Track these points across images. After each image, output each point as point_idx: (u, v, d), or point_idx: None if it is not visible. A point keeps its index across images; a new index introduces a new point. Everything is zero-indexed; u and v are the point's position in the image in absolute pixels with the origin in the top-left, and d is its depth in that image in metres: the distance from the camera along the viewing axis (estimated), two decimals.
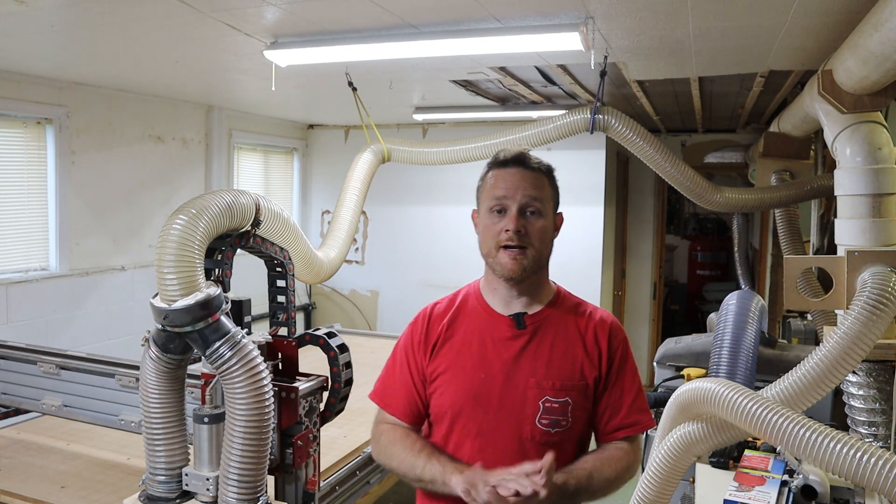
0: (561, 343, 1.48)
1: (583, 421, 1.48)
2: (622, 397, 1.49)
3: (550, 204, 1.50)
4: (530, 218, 1.46)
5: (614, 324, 1.54)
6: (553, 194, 1.52)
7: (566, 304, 1.55)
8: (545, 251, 1.49)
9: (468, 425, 1.47)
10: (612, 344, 1.50)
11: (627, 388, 1.50)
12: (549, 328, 1.49)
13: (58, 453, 2.56)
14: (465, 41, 2.70)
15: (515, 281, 1.46)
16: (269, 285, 2.10)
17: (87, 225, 4.25)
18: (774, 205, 3.90)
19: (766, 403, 2.01)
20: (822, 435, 1.86)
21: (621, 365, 1.50)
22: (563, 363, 1.47)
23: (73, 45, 3.12)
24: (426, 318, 1.58)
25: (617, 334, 1.52)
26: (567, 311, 1.53)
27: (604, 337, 1.50)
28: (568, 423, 1.45)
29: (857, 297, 2.20)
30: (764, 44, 2.88)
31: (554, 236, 1.52)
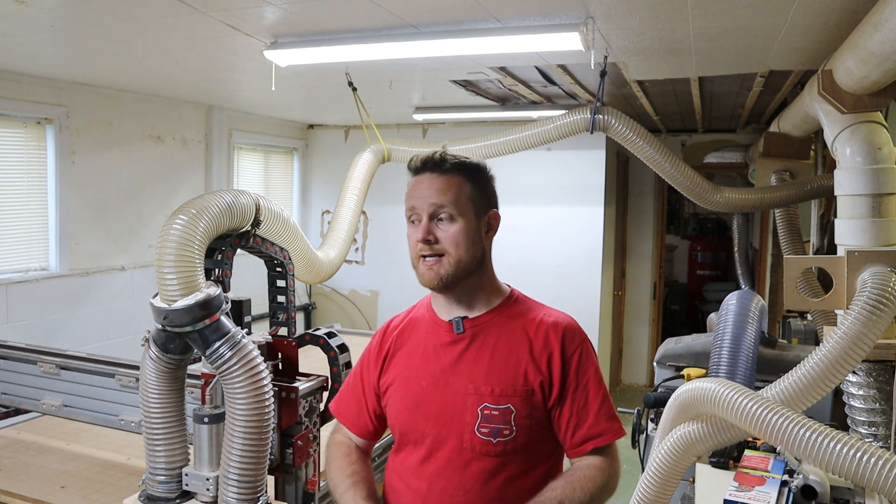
0: (504, 347, 1.39)
1: (531, 430, 1.37)
2: (586, 405, 1.37)
3: (469, 204, 1.41)
4: (441, 224, 1.40)
5: (569, 326, 1.42)
6: (474, 193, 1.42)
7: (517, 307, 1.45)
8: (466, 255, 1.39)
9: (412, 435, 1.44)
10: (567, 347, 1.39)
11: (592, 395, 1.38)
12: (492, 332, 1.41)
13: (58, 453, 2.56)
14: (465, 41, 2.70)
15: (438, 290, 1.42)
16: (269, 285, 2.10)
17: (87, 225, 4.25)
18: (774, 205, 3.90)
19: (766, 403, 2.01)
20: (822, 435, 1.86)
21: (580, 370, 1.38)
22: (504, 368, 1.37)
23: (73, 45, 3.12)
24: (382, 331, 1.58)
25: (573, 337, 1.40)
26: (515, 315, 1.43)
27: (556, 340, 1.39)
28: (512, 433, 1.35)
29: (857, 297, 2.20)
30: (764, 44, 2.88)
31: (487, 236, 1.44)
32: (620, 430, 1.41)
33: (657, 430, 1.99)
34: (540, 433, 1.38)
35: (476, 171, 1.45)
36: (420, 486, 1.42)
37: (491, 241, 1.46)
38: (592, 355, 1.43)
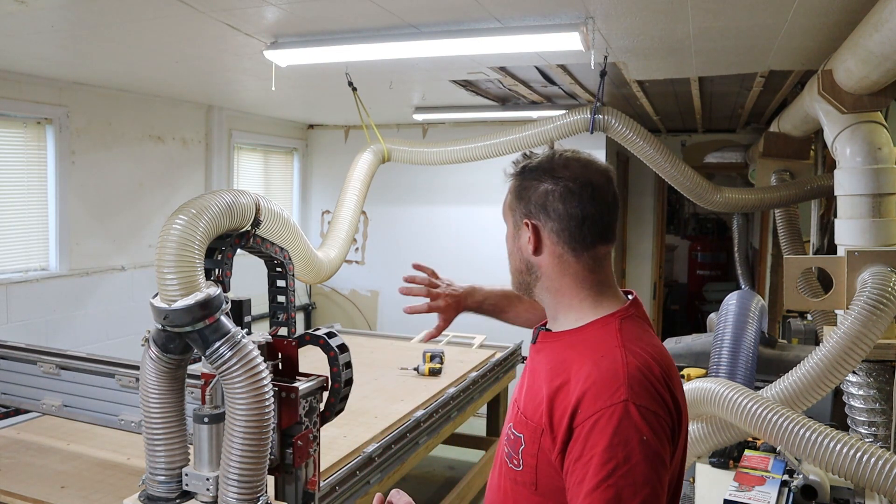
0: (547, 374, 1.20)
1: (539, 471, 1.16)
2: (581, 483, 1.06)
3: (509, 212, 1.29)
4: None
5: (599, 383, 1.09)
6: (514, 201, 1.27)
7: (593, 336, 1.20)
8: (510, 262, 1.30)
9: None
10: (581, 410, 1.09)
11: (590, 474, 1.05)
12: (552, 353, 1.23)
13: (58, 453, 2.56)
14: (465, 41, 2.70)
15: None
16: (269, 285, 2.10)
17: (87, 225, 4.25)
18: (774, 205, 3.90)
19: (766, 403, 2.02)
20: (822, 435, 1.86)
21: (589, 442, 1.07)
22: (534, 395, 1.20)
23: (73, 45, 3.12)
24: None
25: (594, 401, 1.08)
26: (579, 344, 1.20)
27: (574, 395, 1.11)
28: (519, 465, 1.18)
29: (857, 297, 2.20)
30: (764, 44, 2.88)
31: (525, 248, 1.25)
32: None
33: None
34: (551, 479, 1.15)
35: (526, 173, 1.27)
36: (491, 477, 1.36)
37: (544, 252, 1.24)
38: (614, 428, 1.05)
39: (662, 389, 1.11)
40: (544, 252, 1.24)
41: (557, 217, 1.22)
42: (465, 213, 5.87)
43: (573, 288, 1.24)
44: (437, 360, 3.79)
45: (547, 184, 1.23)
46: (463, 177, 5.68)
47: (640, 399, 1.07)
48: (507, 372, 4.33)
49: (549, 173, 1.24)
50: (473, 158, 4.12)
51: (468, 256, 5.70)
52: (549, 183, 1.23)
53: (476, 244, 5.71)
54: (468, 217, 5.85)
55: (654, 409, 1.08)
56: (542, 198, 1.23)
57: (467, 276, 1.72)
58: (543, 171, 1.24)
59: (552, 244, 1.23)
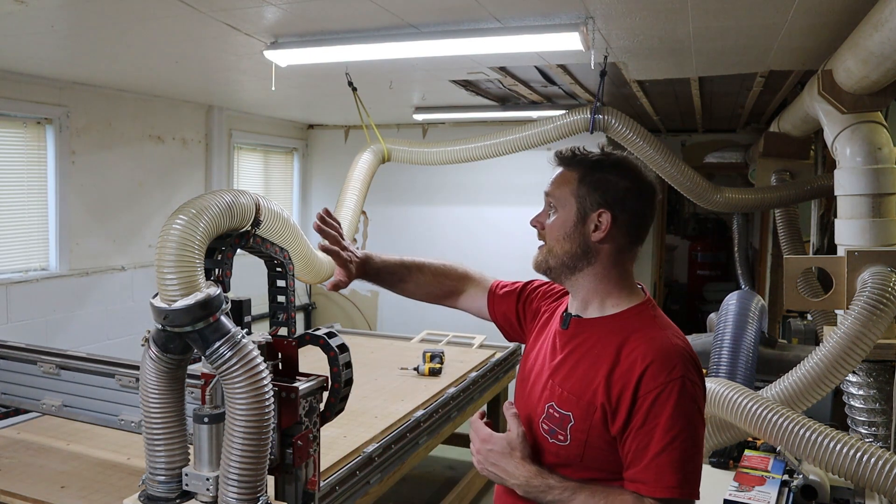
0: (591, 358, 1.33)
1: (588, 445, 1.30)
2: (646, 448, 1.24)
3: (573, 199, 1.37)
4: (551, 214, 1.42)
5: (660, 361, 1.26)
6: (581, 189, 1.36)
7: (630, 322, 1.35)
8: (558, 247, 1.38)
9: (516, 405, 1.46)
10: (643, 384, 1.25)
11: (656, 439, 1.23)
12: (590, 339, 1.36)
13: (58, 453, 2.56)
14: (465, 41, 2.70)
15: (542, 274, 1.46)
16: (269, 285, 2.10)
17: (87, 225, 4.25)
18: (774, 205, 3.91)
19: (766, 403, 2.02)
20: (822, 435, 1.86)
21: (653, 411, 1.24)
22: (581, 377, 1.33)
23: (73, 45, 3.12)
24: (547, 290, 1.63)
25: (656, 375, 1.25)
26: (622, 329, 1.33)
27: (636, 372, 1.26)
28: (566, 440, 1.32)
29: (857, 297, 2.21)
30: (764, 44, 2.88)
31: (594, 235, 1.35)
32: (674, 489, 1.24)
33: None
34: (600, 452, 1.30)
35: (596, 166, 1.38)
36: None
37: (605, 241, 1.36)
38: (675, 400, 1.24)
39: (699, 366, 1.33)
40: (608, 241, 1.36)
41: (632, 213, 1.37)
42: (465, 212, 5.87)
43: (619, 278, 1.39)
44: (437, 360, 3.79)
45: (627, 181, 1.37)
46: (463, 176, 5.68)
47: (691, 374, 1.28)
48: (507, 372, 4.33)
49: (629, 172, 1.39)
50: (473, 158, 4.13)
51: (469, 256, 5.67)
52: (629, 181, 1.37)
53: (476, 243, 5.71)
54: (468, 217, 5.85)
55: (699, 383, 1.30)
56: (622, 193, 1.36)
57: None
58: (624, 169, 1.38)
59: (619, 236, 1.36)
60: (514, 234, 5.15)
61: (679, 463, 1.23)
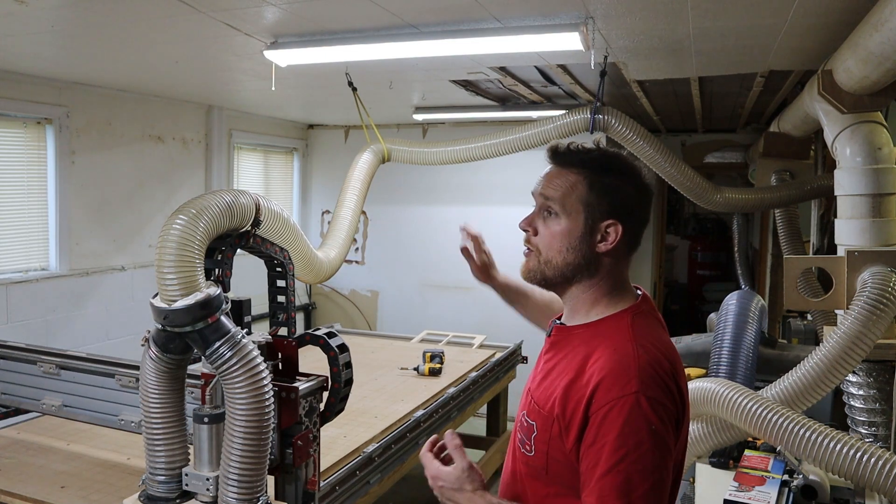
0: (562, 366, 1.26)
1: (549, 459, 1.22)
2: (594, 468, 1.14)
3: (580, 206, 1.26)
4: (547, 219, 1.29)
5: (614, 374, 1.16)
6: (590, 196, 1.25)
7: (609, 329, 1.25)
8: (558, 258, 1.27)
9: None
10: (595, 399, 1.15)
11: (602, 459, 1.12)
12: (567, 347, 1.28)
13: (58, 453, 2.56)
14: (465, 41, 2.70)
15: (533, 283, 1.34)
16: (269, 285, 2.10)
17: (87, 225, 4.25)
18: (774, 205, 3.91)
19: (766, 403, 2.02)
20: (822, 435, 1.86)
21: (602, 429, 1.13)
22: (548, 386, 1.26)
23: (73, 45, 3.12)
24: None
25: (608, 390, 1.14)
26: (598, 337, 1.24)
27: (591, 385, 1.17)
28: (531, 451, 1.24)
29: (857, 297, 2.21)
30: (764, 44, 2.88)
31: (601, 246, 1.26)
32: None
33: None
34: (560, 465, 1.21)
35: (605, 171, 1.27)
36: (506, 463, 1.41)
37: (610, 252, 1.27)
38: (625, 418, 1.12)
39: (670, 382, 1.18)
40: (612, 252, 1.27)
41: (637, 221, 1.29)
42: (465, 212, 5.87)
43: (612, 285, 1.29)
44: (437, 360, 3.79)
45: (632, 187, 1.28)
46: (463, 177, 5.68)
47: (650, 391, 1.14)
48: (508, 372, 4.33)
49: (634, 176, 1.29)
50: (473, 158, 4.12)
51: None
52: (634, 186, 1.28)
53: None
54: (468, 217, 5.81)
55: (662, 400, 1.15)
56: (630, 200, 1.27)
57: (468, 276, 1.72)
58: (629, 173, 1.29)
59: (622, 245, 1.27)
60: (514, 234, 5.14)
61: (622, 487, 1.10)
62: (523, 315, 1.74)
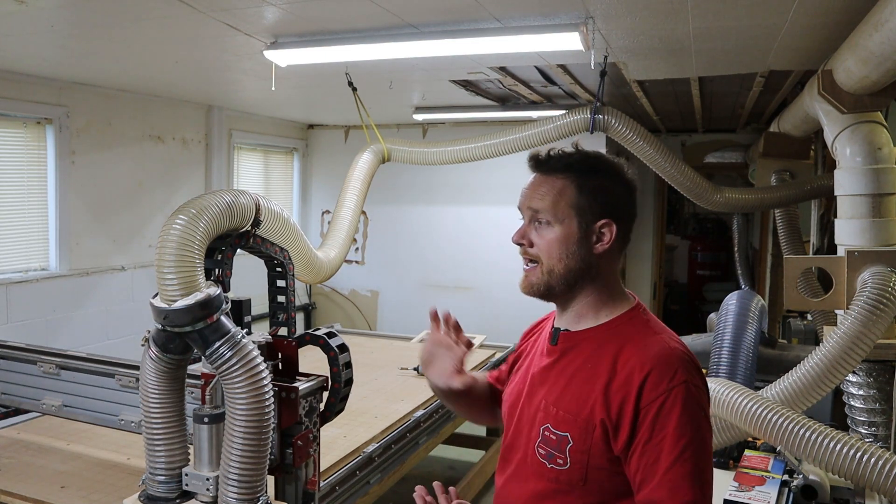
0: (586, 372, 1.24)
1: (589, 467, 1.21)
2: (656, 463, 1.15)
3: (571, 211, 1.25)
4: (539, 229, 1.28)
5: (662, 366, 1.18)
6: (580, 199, 1.25)
7: (624, 329, 1.26)
8: (559, 265, 1.26)
9: (505, 433, 1.41)
10: (645, 394, 1.17)
11: (665, 452, 1.14)
12: (583, 351, 1.27)
13: (58, 453, 2.56)
14: (465, 41, 2.70)
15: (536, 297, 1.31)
16: (269, 285, 2.10)
17: (87, 225, 4.25)
18: (774, 205, 3.91)
19: (766, 403, 2.02)
20: (822, 435, 1.86)
21: (658, 422, 1.15)
22: (576, 394, 1.23)
23: (73, 45, 3.12)
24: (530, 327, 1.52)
25: (658, 383, 1.16)
26: (616, 338, 1.25)
27: (636, 382, 1.18)
28: (566, 464, 1.22)
29: (857, 297, 2.20)
30: (764, 44, 2.88)
31: (597, 247, 1.26)
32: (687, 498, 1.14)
33: None
34: (603, 473, 1.21)
35: (591, 172, 1.28)
36: (498, 482, 1.39)
37: (607, 252, 1.28)
38: (681, 407, 1.15)
39: (700, 369, 1.24)
40: (608, 251, 1.28)
41: (627, 219, 1.29)
42: (465, 212, 5.87)
43: (612, 285, 1.31)
44: None
45: (620, 186, 1.29)
46: (463, 177, 5.68)
47: (694, 378, 1.19)
48: None
49: (619, 174, 1.29)
50: (473, 158, 4.13)
51: (468, 256, 5.70)
52: (621, 185, 1.29)
53: (476, 244, 5.71)
54: (468, 217, 5.85)
55: (702, 386, 1.21)
56: (619, 199, 1.28)
57: (468, 276, 1.72)
58: (614, 172, 1.29)
59: (616, 243, 1.28)
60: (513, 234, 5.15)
61: (693, 475, 1.13)
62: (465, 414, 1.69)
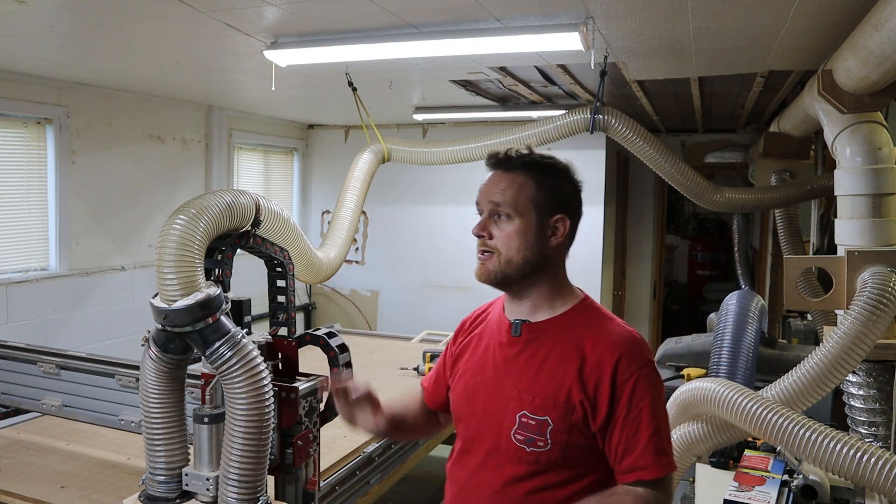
0: (555, 358, 1.35)
1: (569, 446, 1.32)
2: (636, 434, 1.30)
3: (530, 205, 1.37)
4: (499, 222, 1.39)
5: (630, 349, 1.33)
6: (538, 194, 1.37)
7: (582, 317, 1.39)
8: (517, 256, 1.37)
9: (461, 427, 1.48)
10: (619, 374, 1.31)
11: (644, 425, 1.30)
12: (548, 340, 1.38)
13: (58, 453, 2.56)
14: (465, 41, 2.70)
15: (490, 285, 1.42)
16: (269, 285, 2.10)
17: (87, 225, 4.25)
18: (774, 205, 3.90)
19: (766, 403, 2.02)
20: (822, 435, 1.86)
21: (634, 398, 1.30)
22: (550, 379, 1.34)
23: (73, 45, 3.12)
24: (462, 323, 1.60)
25: (629, 364, 1.31)
26: (577, 326, 1.38)
27: (609, 364, 1.31)
28: (546, 445, 1.32)
29: (857, 297, 2.20)
30: (764, 44, 2.88)
31: (552, 240, 1.38)
32: (670, 465, 1.32)
33: None
34: (580, 450, 1.33)
35: (547, 171, 1.40)
36: (460, 475, 1.45)
37: (560, 245, 1.39)
38: (651, 383, 1.33)
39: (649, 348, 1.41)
40: (560, 246, 1.40)
41: (576, 216, 1.42)
42: (465, 212, 5.84)
43: (561, 278, 1.44)
44: (437, 360, 3.78)
45: (571, 185, 1.42)
46: (463, 177, 5.66)
47: (652, 358, 1.37)
48: None
49: (571, 175, 1.43)
50: (473, 158, 4.12)
51: (468, 256, 5.65)
52: (570, 185, 1.42)
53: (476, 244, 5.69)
54: (468, 217, 5.80)
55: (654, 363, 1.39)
56: (570, 197, 1.41)
57: (468, 276, 1.72)
58: (567, 172, 1.42)
59: (567, 240, 1.41)
60: None
61: (666, 440, 1.33)
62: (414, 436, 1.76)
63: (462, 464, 1.45)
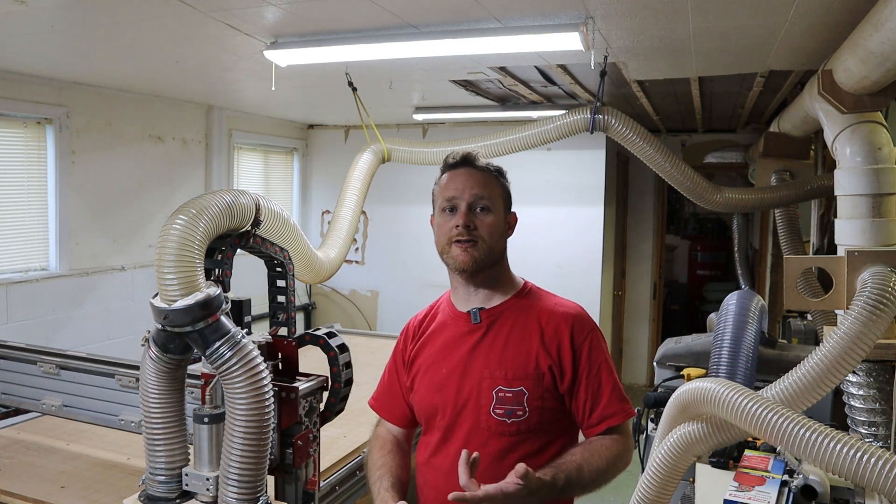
0: (517, 334, 1.52)
1: (543, 411, 1.49)
2: (600, 388, 1.50)
3: (500, 202, 1.57)
4: (479, 214, 1.53)
5: (579, 316, 1.55)
6: (503, 193, 1.58)
7: (529, 298, 1.58)
8: (496, 245, 1.55)
9: (435, 419, 1.56)
10: (576, 337, 1.51)
11: (605, 378, 1.51)
12: (507, 320, 1.54)
13: (58, 453, 2.56)
14: (465, 41, 2.70)
15: (469, 273, 1.53)
16: (269, 285, 2.10)
17: (87, 225, 4.25)
18: (774, 205, 3.90)
19: (766, 403, 2.01)
20: (822, 435, 1.86)
21: (592, 356, 1.51)
22: (517, 353, 1.50)
23: (73, 45, 3.12)
24: (406, 330, 1.71)
25: (581, 327, 1.53)
26: (528, 305, 1.56)
27: (566, 329, 1.51)
28: (525, 413, 1.47)
29: (857, 297, 2.20)
30: (764, 44, 2.88)
31: (507, 233, 1.60)
32: (632, 410, 1.53)
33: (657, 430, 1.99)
34: (553, 413, 1.50)
35: (500, 174, 1.61)
36: (443, 463, 1.53)
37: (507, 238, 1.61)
38: (602, 343, 1.54)
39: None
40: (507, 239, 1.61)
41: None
42: None
43: (507, 267, 1.63)
44: None
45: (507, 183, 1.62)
46: None
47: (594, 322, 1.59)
48: None
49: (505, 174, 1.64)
50: None
51: None
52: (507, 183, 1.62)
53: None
54: None
55: None
56: (510, 198, 1.62)
57: None
58: (503, 172, 1.63)
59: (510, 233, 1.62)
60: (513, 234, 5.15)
61: (623, 391, 1.55)
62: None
63: (444, 452, 1.53)
